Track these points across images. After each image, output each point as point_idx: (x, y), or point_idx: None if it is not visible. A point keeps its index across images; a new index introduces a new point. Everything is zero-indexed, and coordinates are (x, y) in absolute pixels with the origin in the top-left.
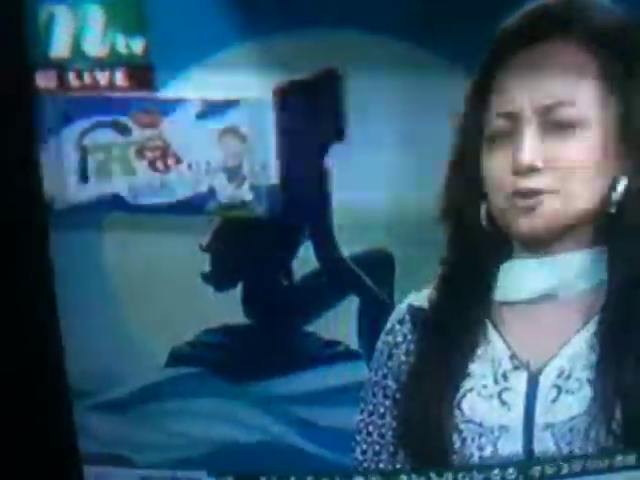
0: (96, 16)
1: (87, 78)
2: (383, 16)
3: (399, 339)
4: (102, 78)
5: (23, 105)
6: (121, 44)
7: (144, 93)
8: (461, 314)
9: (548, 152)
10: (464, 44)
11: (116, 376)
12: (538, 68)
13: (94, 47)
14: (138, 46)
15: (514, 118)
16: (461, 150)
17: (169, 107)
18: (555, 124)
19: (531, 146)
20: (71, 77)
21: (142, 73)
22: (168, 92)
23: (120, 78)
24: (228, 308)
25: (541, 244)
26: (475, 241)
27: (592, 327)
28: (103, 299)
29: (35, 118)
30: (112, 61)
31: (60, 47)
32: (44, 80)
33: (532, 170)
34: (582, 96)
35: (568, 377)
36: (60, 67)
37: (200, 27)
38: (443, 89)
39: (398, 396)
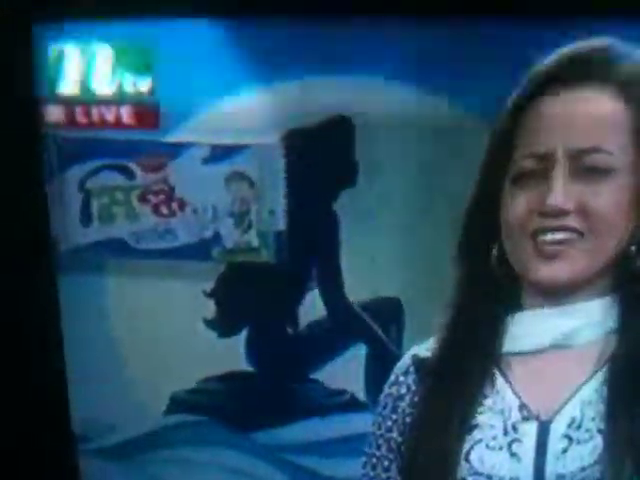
0: (104, 55)
1: (94, 115)
2: (397, 64)
3: (403, 391)
4: (109, 115)
5: (32, 142)
6: (128, 83)
7: (150, 135)
8: (468, 364)
9: (578, 196)
10: (479, 94)
11: (116, 422)
12: (572, 112)
13: (102, 85)
14: (145, 85)
15: (546, 159)
16: (478, 195)
17: (175, 150)
18: (586, 169)
19: (563, 189)
20: (79, 114)
21: (148, 112)
22: (175, 134)
23: (127, 116)
24: (231, 355)
25: (557, 293)
26: (483, 289)
27: (602, 375)
28: (105, 344)
29: (42, 158)
30: (119, 99)
31: (69, 85)
32: (52, 116)
33: (562, 213)
34: (613, 144)
35: (579, 427)
36: (68, 104)
37: (210, 71)
38: (456, 136)
39: (403, 448)
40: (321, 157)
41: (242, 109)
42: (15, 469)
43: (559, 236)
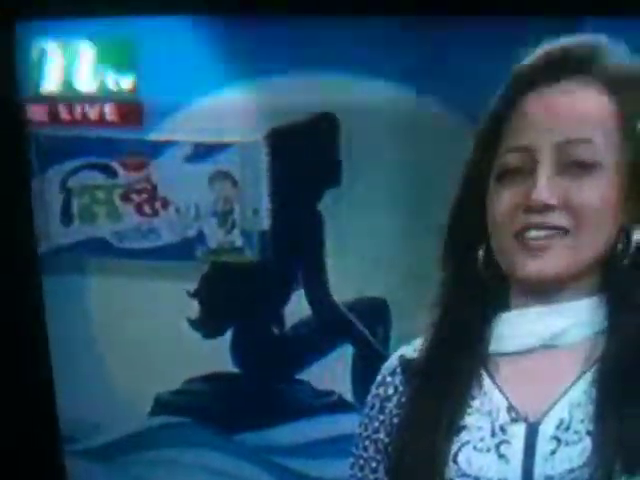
0: (87, 53)
1: (77, 113)
2: (383, 62)
3: (390, 391)
4: (92, 113)
5: (14, 141)
6: (111, 80)
7: (132, 133)
8: (455, 365)
9: (563, 191)
10: (465, 94)
11: (101, 423)
12: (557, 106)
13: (85, 83)
14: (127, 83)
15: (530, 154)
16: (464, 195)
17: (158, 149)
18: (572, 163)
19: (548, 183)
20: (61, 111)
21: (131, 109)
22: (158, 133)
23: (110, 113)
24: (216, 356)
25: (545, 291)
26: (471, 289)
27: (590, 376)
28: (88, 344)
29: (25, 157)
30: (102, 96)
31: (51, 82)
32: (35, 114)
33: (546, 208)
34: (599, 138)
35: (567, 428)
36: (51, 101)
37: (194, 69)
38: (441, 136)
39: (390, 449)
40: (305, 156)
41: (225, 107)
42: (1, 470)
43: (543, 233)
